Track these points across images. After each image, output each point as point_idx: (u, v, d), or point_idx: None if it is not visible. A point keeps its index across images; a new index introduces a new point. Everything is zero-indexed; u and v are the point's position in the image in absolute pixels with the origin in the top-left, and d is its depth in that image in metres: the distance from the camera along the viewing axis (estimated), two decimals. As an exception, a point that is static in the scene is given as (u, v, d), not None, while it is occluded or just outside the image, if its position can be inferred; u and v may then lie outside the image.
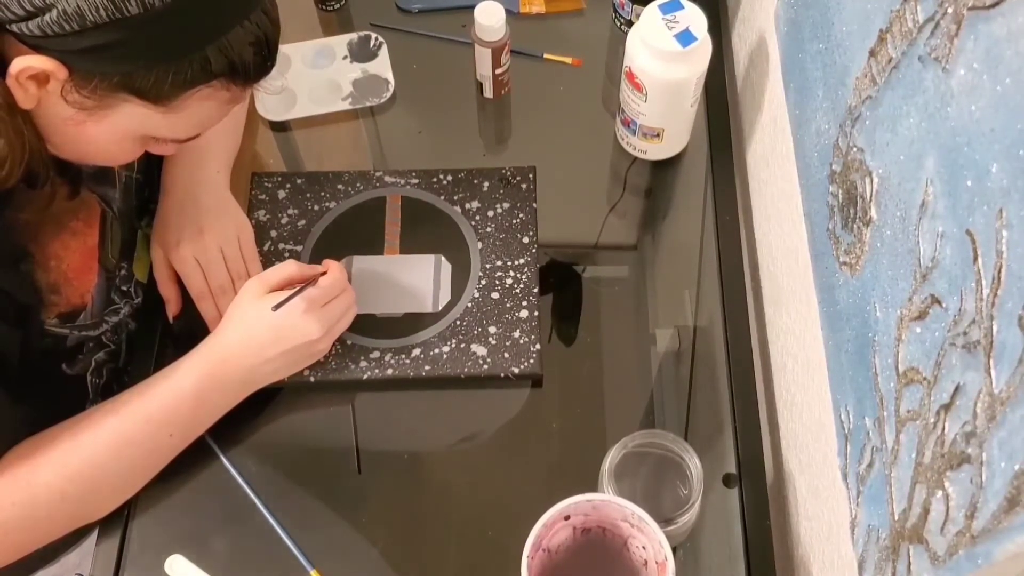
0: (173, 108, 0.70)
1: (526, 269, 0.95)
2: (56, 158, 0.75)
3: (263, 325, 0.82)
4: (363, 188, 1.00)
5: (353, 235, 0.97)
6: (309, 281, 0.84)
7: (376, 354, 0.90)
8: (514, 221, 0.98)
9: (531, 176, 1.00)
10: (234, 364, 0.82)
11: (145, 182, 0.97)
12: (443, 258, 0.96)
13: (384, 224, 0.98)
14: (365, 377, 0.89)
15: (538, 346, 0.90)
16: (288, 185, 1.00)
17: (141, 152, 0.77)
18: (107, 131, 0.71)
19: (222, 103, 0.73)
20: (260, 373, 0.84)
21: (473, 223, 0.98)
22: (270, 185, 1.00)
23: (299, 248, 0.96)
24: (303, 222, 0.98)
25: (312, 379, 0.89)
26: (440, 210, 0.99)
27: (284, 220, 0.98)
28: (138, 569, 0.82)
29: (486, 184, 1.00)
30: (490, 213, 0.98)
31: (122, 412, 0.80)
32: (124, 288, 0.93)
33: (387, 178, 1.01)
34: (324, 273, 0.86)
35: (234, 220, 0.93)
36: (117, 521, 0.84)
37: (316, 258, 0.95)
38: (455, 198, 0.99)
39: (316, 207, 0.99)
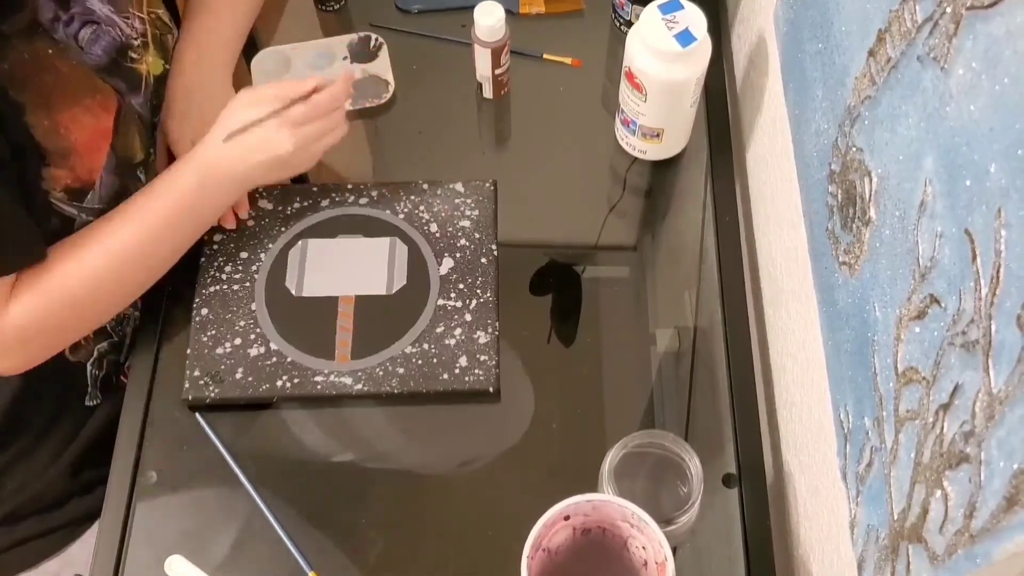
0: None
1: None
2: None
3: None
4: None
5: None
6: (293, 101, 0.85)
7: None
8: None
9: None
10: (225, 166, 0.84)
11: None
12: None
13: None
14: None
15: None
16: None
17: None
18: None
19: None
20: (248, 178, 0.87)
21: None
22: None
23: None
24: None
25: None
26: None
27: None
28: (138, 569, 0.82)
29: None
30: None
31: (140, 202, 0.84)
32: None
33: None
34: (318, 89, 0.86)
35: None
36: (117, 521, 0.84)
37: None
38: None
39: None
